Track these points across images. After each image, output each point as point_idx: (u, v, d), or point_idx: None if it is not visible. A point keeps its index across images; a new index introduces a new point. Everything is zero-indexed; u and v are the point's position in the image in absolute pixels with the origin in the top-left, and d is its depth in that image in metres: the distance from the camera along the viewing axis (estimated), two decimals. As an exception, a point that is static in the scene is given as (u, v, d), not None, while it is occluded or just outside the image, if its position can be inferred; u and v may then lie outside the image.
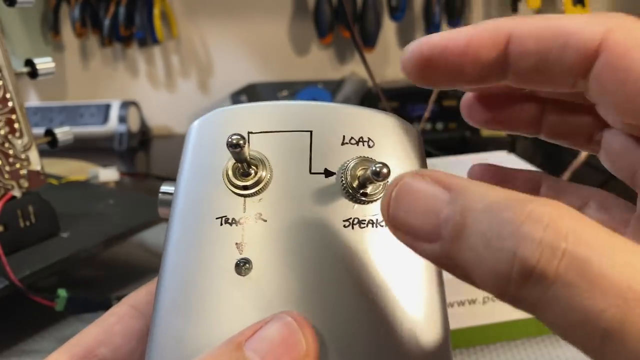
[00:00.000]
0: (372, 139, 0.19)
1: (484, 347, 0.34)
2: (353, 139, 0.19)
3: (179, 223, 0.18)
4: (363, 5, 0.81)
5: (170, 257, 0.18)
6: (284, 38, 0.89)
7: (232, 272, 0.17)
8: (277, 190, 0.18)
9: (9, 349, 0.36)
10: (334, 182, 0.18)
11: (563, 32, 0.16)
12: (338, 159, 0.19)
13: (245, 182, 0.18)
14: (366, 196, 0.18)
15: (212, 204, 0.18)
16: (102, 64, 0.95)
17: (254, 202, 0.18)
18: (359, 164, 0.18)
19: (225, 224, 0.18)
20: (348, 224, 0.18)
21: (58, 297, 0.35)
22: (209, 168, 0.19)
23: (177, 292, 0.17)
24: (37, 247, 0.38)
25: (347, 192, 0.18)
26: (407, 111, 0.73)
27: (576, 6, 0.71)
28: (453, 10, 0.80)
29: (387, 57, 0.88)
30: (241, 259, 0.17)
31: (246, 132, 0.19)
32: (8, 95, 0.36)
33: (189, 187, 0.19)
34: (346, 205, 0.18)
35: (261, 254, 0.17)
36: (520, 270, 0.12)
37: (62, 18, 0.91)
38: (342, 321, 0.16)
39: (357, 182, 0.18)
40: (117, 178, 0.65)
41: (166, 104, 0.94)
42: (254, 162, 0.18)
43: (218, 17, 0.89)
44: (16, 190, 0.37)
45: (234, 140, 0.17)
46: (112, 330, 0.19)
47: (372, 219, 0.18)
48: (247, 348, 0.15)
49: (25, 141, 0.37)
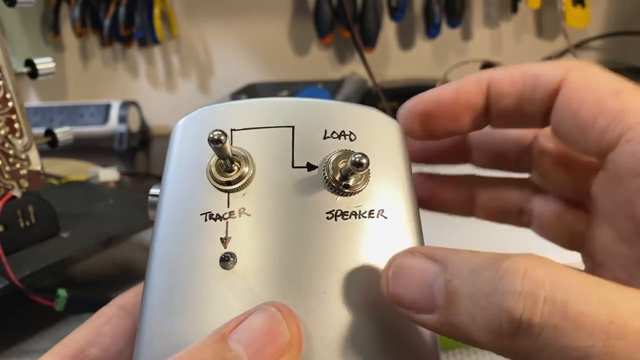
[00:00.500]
0: (354, 133, 0.19)
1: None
2: (335, 133, 0.19)
3: (164, 220, 0.18)
4: (363, 5, 0.81)
5: (156, 254, 0.18)
6: (284, 38, 0.89)
7: (217, 266, 0.17)
8: (261, 185, 0.18)
9: (9, 349, 0.36)
10: (316, 175, 0.19)
11: (532, 74, 0.19)
12: (320, 152, 0.19)
13: (228, 178, 0.18)
14: (348, 188, 0.18)
15: (197, 201, 0.18)
16: (102, 64, 0.95)
17: (237, 197, 0.18)
18: (340, 157, 0.18)
19: (210, 219, 0.18)
20: (331, 216, 0.18)
21: (58, 297, 0.35)
22: (193, 165, 0.19)
23: (164, 288, 0.17)
24: (37, 247, 0.38)
25: (330, 185, 0.18)
26: (407, 111, 0.73)
27: (576, 6, 0.71)
28: (453, 10, 0.80)
29: (387, 57, 0.88)
30: (225, 253, 0.17)
31: (229, 129, 0.19)
32: (8, 95, 0.36)
33: (174, 185, 0.19)
34: (329, 198, 0.18)
35: (246, 247, 0.17)
36: (508, 322, 0.13)
37: (62, 18, 0.91)
38: (327, 312, 0.17)
39: (339, 174, 0.18)
40: (117, 178, 0.65)
41: (166, 104, 0.94)
42: (237, 159, 0.18)
43: (218, 17, 0.89)
44: (16, 190, 0.37)
45: (215, 135, 0.17)
46: (101, 331, 0.19)
47: (355, 210, 0.18)
48: (231, 339, 0.15)
49: (26, 141, 0.37)
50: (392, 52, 0.88)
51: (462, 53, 0.87)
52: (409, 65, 0.88)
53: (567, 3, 0.70)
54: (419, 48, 0.88)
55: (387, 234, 0.18)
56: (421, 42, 0.87)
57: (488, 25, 0.86)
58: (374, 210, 0.18)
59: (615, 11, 0.82)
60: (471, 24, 0.86)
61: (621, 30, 0.81)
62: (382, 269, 0.16)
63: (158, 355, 0.16)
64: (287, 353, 0.15)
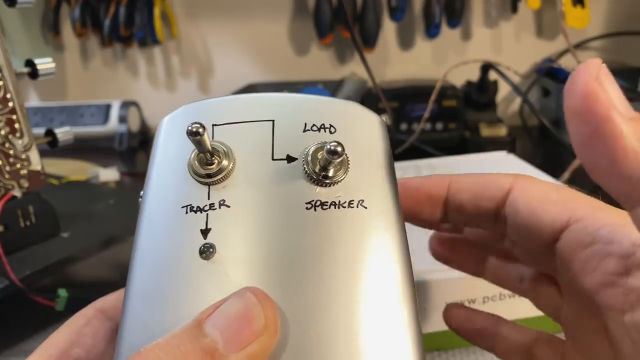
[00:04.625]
0: (334, 125, 0.20)
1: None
2: (315, 126, 0.19)
3: (147, 215, 0.19)
4: (363, 6, 0.81)
5: (139, 248, 0.18)
6: (284, 38, 0.89)
7: (197, 257, 0.17)
8: (241, 177, 0.19)
9: (9, 349, 0.36)
10: (296, 166, 0.19)
11: (488, 177, 0.22)
12: (300, 145, 0.19)
13: (208, 171, 0.18)
14: (328, 178, 0.18)
15: (178, 194, 0.19)
16: (102, 64, 0.95)
17: (217, 190, 0.18)
18: (319, 148, 0.19)
19: (190, 212, 0.18)
20: (310, 206, 0.18)
21: (58, 297, 0.35)
22: (175, 160, 0.19)
23: (145, 279, 0.17)
24: (37, 247, 0.38)
25: (309, 176, 0.18)
26: (407, 111, 0.73)
27: (576, 6, 0.71)
28: (453, 10, 0.80)
29: (387, 57, 0.89)
30: (205, 244, 0.17)
31: (210, 124, 0.20)
32: (8, 95, 0.36)
33: (156, 180, 0.19)
34: (309, 188, 0.18)
35: (225, 238, 0.18)
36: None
37: (63, 18, 0.91)
38: (305, 301, 0.17)
39: (318, 165, 0.18)
40: (117, 178, 0.65)
41: (166, 104, 0.94)
42: (217, 152, 0.19)
43: (218, 17, 0.89)
44: (16, 190, 0.37)
45: (193, 128, 0.17)
46: (82, 332, 0.20)
47: (335, 200, 0.18)
48: (207, 324, 0.15)
49: (26, 141, 0.37)
50: (392, 52, 0.88)
51: (462, 53, 0.87)
52: (409, 65, 0.88)
53: (567, 3, 0.70)
54: (418, 48, 0.88)
55: (367, 224, 0.18)
56: (421, 42, 0.87)
57: (488, 25, 0.86)
58: (354, 201, 0.18)
59: (615, 11, 0.82)
60: (471, 24, 0.86)
61: (621, 30, 0.81)
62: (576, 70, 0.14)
63: (139, 344, 0.16)
64: (262, 336, 0.15)
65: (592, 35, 0.81)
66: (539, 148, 0.75)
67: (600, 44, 0.83)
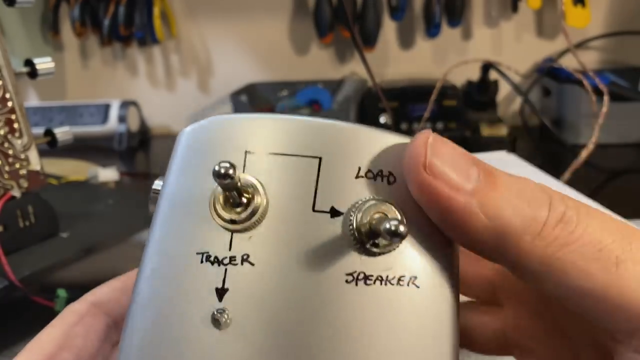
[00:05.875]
0: (393, 174, 0.16)
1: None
2: (370, 172, 0.16)
3: (155, 249, 0.16)
4: (363, 5, 0.81)
5: (143, 290, 0.16)
6: (284, 38, 0.89)
7: (208, 323, 0.15)
8: (271, 228, 0.15)
9: (9, 349, 0.36)
10: (340, 224, 0.15)
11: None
12: (349, 195, 0.15)
13: (234, 216, 0.15)
14: (377, 247, 0.15)
15: (194, 235, 0.16)
16: (101, 63, 0.95)
17: (242, 240, 0.15)
18: (373, 207, 0.15)
19: (207, 261, 0.15)
20: (352, 279, 0.15)
21: (58, 297, 0.35)
22: (194, 188, 0.16)
23: (145, 334, 0.15)
24: (37, 247, 0.38)
25: (355, 240, 0.15)
26: (407, 111, 0.73)
27: (576, 6, 0.71)
28: (453, 10, 0.80)
29: (387, 57, 0.88)
30: (219, 309, 0.15)
31: (243, 150, 0.16)
32: (8, 95, 0.36)
33: (170, 209, 0.16)
34: (352, 256, 0.15)
35: (243, 307, 0.15)
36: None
37: (62, 18, 0.91)
38: None
39: (368, 228, 0.15)
40: (117, 178, 0.64)
41: (166, 104, 0.94)
42: (248, 192, 0.15)
43: (218, 17, 0.89)
44: (16, 190, 0.37)
45: (222, 169, 0.14)
46: (72, 332, 0.18)
47: (382, 274, 0.15)
48: None
49: (25, 141, 0.37)
50: (392, 52, 0.88)
51: (462, 53, 0.87)
52: (409, 65, 0.88)
53: (567, 3, 0.70)
54: (419, 48, 0.88)
55: (418, 307, 0.15)
56: (421, 41, 0.87)
57: (488, 25, 0.85)
58: (404, 277, 0.15)
59: (615, 11, 0.82)
60: (471, 24, 0.86)
61: (621, 30, 0.81)
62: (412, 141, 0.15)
63: None
64: None
65: (592, 34, 0.81)
66: (540, 148, 0.75)
67: (601, 43, 0.83)
